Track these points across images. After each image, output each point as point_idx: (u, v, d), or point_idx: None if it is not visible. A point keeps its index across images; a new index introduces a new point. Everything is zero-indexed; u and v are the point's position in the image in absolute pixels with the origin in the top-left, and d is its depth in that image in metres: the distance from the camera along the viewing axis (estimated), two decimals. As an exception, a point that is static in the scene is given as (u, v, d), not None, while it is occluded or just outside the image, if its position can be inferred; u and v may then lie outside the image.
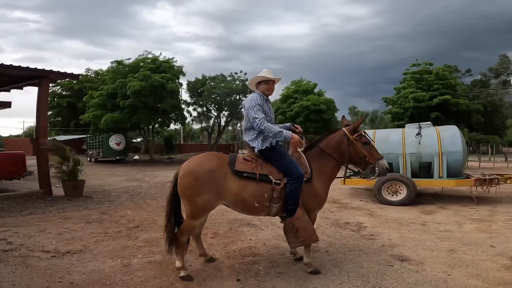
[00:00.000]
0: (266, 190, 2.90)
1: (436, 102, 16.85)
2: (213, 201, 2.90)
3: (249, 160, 3.00)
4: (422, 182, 6.82)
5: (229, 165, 2.93)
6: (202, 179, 2.83)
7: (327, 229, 4.84)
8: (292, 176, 2.90)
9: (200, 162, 2.95)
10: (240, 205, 2.99)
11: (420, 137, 6.82)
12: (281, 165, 2.97)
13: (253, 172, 2.91)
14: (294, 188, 2.89)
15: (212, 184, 2.84)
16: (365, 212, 6.10)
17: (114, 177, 12.55)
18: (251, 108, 3.03)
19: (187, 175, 2.88)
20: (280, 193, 2.91)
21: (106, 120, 17.37)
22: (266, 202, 2.91)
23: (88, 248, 3.83)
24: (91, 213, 5.85)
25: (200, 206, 2.87)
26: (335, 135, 3.23)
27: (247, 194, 2.89)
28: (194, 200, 2.86)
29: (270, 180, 2.93)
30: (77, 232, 4.54)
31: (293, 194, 2.90)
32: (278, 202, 2.94)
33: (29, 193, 7.30)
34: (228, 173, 2.90)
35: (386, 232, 4.71)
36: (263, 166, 2.98)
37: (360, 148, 3.11)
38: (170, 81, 17.33)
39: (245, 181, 2.89)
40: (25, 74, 7.31)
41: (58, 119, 26.64)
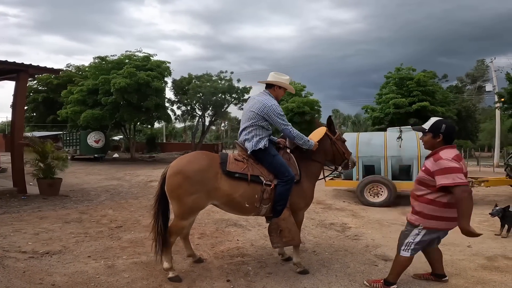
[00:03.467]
0: (256, 191, 2.91)
1: (415, 108, 17.47)
2: (203, 201, 2.86)
3: (240, 160, 2.98)
4: (402, 184, 7.03)
5: (220, 165, 2.90)
6: (191, 178, 2.78)
7: (313, 229, 4.90)
8: (283, 178, 2.93)
9: (190, 161, 2.90)
10: (230, 206, 2.97)
11: (400, 140, 7.02)
12: (273, 166, 2.98)
13: (244, 173, 2.90)
14: (285, 190, 2.92)
15: (202, 184, 2.80)
16: (348, 213, 6.23)
17: (92, 176, 12.15)
18: (278, 116, 3.04)
19: (176, 174, 2.82)
20: (270, 194, 2.92)
21: (85, 117, 16.77)
22: (257, 202, 2.92)
23: (68, 249, 3.67)
24: (69, 213, 5.62)
25: (189, 206, 2.82)
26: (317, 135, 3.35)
27: (238, 195, 2.87)
28: (183, 200, 2.80)
29: (261, 181, 2.93)
30: (55, 232, 4.35)
31: (283, 195, 2.93)
32: (268, 203, 2.96)
33: (2, 191, 6.92)
34: (219, 173, 2.87)
35: (370, 232, 4.82)
36: (254, 166, 2.98)
37: (340, 146, 3.34)
38: (155, 79, 16.96)
39: (236, 181, 2.88)
40: (2, 68, 6.94)
41: (34, 114, 25.46)
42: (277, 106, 3.06)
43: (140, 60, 17.74)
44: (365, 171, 7.28)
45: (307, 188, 3.13)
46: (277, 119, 3.02)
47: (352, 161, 3.41)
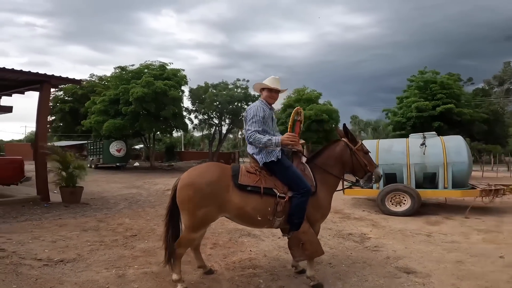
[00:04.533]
0: (269, 204, 2.82)
1: (439, 111, 16.74)
2: (214, 214, 2.81)
3: (252, 173, 2.90)
4: (427, 192, 6.69)
5: (232, 178, 2.84)
6: (202, 191, 2.74)
7: (330, 240, 4.70)
8: (299, 190, 2.82)
9: (201, 173, 2.87)
10: (242, 218, 2.90)
11: (424, 147, 6.71)
12: (287, 178, 2.88)
13: (257, 186, 2.82)
14: (301, 202, 2.82)
15: (213, 197, 2.75)
16: (368, 222, 5.95)
17: (113, 184, 12.43)
18: (248, 120, 2.97)
19: (187, 187, 2.79)
20: (284, 206, 2.82)
21: (107, 127, 17.33)
22: (270, 215, 2.83)
23: (82, 257, 3.70)
24: (87, 221, 5.72)
25: (199, 218, 2.77)
26: (336, 145, 3.20)
27: (250, 208, 2.80)
28: (194, 212, 2.76)
29: (274, 193, 2.84)
30: (72, 240, 4.42)
31: (300, 208, 2.82)
32: (282, 216, 2.86)
33: (26, 199, 7.19)
34: (231, 186, 2.81)
35: (391, 243, 4.57)
36: (267, 178, 2.89)
37: (362, 157, 3.12)
38: (172, 88, 17.33)
39: (248, 194, 2.80)
40: (26, 78, 7.27)
41: (61, 124, 26.66)
42: (251, 109, 2.98)
43: (157, 69, 18.17)
44: (386, 179, 6.98)
45: (323, 199, 3.01)
46: (246, 123, 2.98)
47: (377, 175, 3.17)
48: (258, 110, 2.94)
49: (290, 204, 2.83)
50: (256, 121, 2.90)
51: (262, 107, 2.98)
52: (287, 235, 2.92)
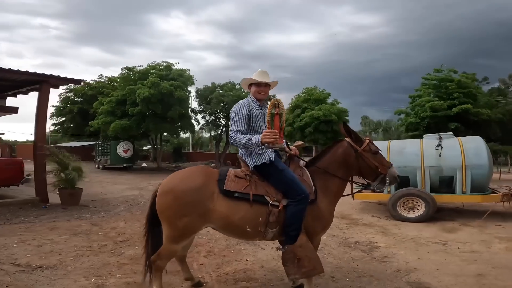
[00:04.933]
0: (261, 213, 2.48)
1: (456, 111, 16.01)
2: (197, 224, 2.51)
3: (241, 177, 2.57)
4: (443, 197, 6.22)
5: (218, 183, 2.52)
6: (183, 199, 2.44)
7: (334, 249, 4.32)
8: (295, 197, 2.46)
9: (183, 178, 2.57)
10: (229, 230, 2.59)
11: (440, 148, 6.23)
12: (281, 184, 2.53)
13: (245, 192, 2.49)
14: (298, 211, 2.46)
15: (196, 205, 2.45)
16: (377, 229, 5.52)
17: (117, 185, 12.31)
18: (231, 119, 2.68)
19: (166, 194, 2.50)
20: (278, 216, 2.47)
21: (114, 127, 17.32)
22: (261, 226, 2.49)
23: (64, 264, 3.50)
24: (81, 224, 5.51)
25: (180, 229, 2.48)
26: (338, 147, 2.78)
27: (238, 218, 2.47)
28: (174, 222, 2.47)
29: (266, 201, 2.50)
30: (58, 244, 4.22)
31: (296, 218, 2.46)
32: (276, 227, 2.51)
33: (25, 201, 7.08)
34: (215, 192, 2.48)
35: (402, 253, 4.17)
36: (259, 184, 2.55)
37: (371, 159, 2.69)
38: (178, 88, 17.19)
39: (235, 202, 2.48)
40: (26, 78, 7.18)
41: (71, 125, 27.00)
42: (234, 107, 2.69)
43: (163, 70, 18.07)
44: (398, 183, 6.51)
45: (324, 208, 2.62)
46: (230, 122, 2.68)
47: (393, 176, 2.70)
48: (242, 108, 2.64)
49: (285, 214, 2.48)
50: (237, 120, 2.60)
51: (248, 105, 2.67)
52: (281, 248, 2.56)
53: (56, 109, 26.22)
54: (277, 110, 2.51)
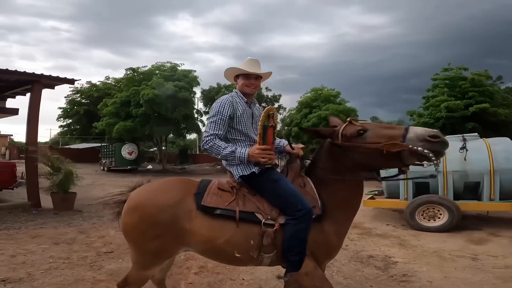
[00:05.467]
0: (251, 235, 1.95)
1: (472, 111, 15.16)
2: (170, 248, 2.04)
3: (226, 190, 2.07)
4: (469, 205, 5.59)
5: (195, 197, 2.03)
6: (151, 218, 1.97)
7: (345, 265, 3.77)
8: (294, 213, 1.91)
9: (154, 192, 2.08)
10: (213, 255, 2.09)
11: (465, 151, 5.59)
12: (277, 196, 1.99)
13: (229, 209, 1.98)
14: (298, 230, 1.91)
15: (168, 226, 1.97)
16: (394, 241, 4.92)
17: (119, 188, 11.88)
18: (209, 118, 2.15)
19: (131, 212, 2.02)
20: (275, 238, 1.94)
21: (118, 129, 17.12)
22: (253, 251, 1.95)
23: (32, 277, 3.16)
24: (68, 231, 5.14)
25: (149, 254, 2.03)
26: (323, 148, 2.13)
27: (222, 241, 1.96)
28: (141, 246, 2.02)
29: (257, 220, 1.97)
30: (34, 255, 3.87)
31: (297, 239, 1.92)
32: (272, 251, 1.97)
33: (16, 205, 6.79)
34: (193, 210, 1.99)
35: (425, 270, 3.62)
36: (248, 199, 2.03)
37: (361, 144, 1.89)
38: (183, 89, 16.84)
39: (218, 221, 1.98)
40: (17, 78, 6.91)
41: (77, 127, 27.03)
42: (215, 104, 2.16)
43: (168, 70, 17.77)
44: (416, 189, 5.89)
45: (331, 229, 2.00)
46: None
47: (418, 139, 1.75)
48: (224, 106, 2.09)
49: (283, 235, 1.94)
50: (216, 121, 2.07)
51: (231, 102, 2.12)
52: (283, 277, 1.99)
53: (63, 111, 26.29)
54: (271, 123, 2.02)
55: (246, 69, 2.18)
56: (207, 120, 2.17)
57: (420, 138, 1.75)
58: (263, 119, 1.97)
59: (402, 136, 1.78)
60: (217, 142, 2.03)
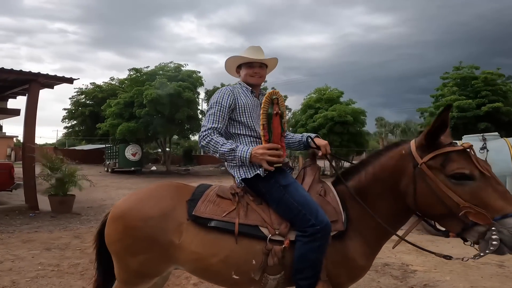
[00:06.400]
0: (254, 253, 1.61)
1: (485, 110, 14.70)
2: (156, 265, 1.71)
3: (225, 198, 1.74)
4: None
5: (188, 206, 1.71)
6: (137, 230, 1.67)
7: (359, 276, 3.41)
8: (306, 229, 1.56)
9: (141, 200, 1.77)
10: (205, 276, 1.75)
11: (486, 152, 5.24)
12: (285, 206, 1.64)
13: (227, 221, 1.65)
14: (310, 250, 1.55)
15: (154, 239, 1.66)
16: (410, 247, 4.44)
17: (122, 190, 11.81)
18: (207, 110, 1.87)
19: (116, 222, 1.72)
20: (282, 257, 1.58)
21: (121, 130, 16.98)
22: (255, 272, 1.60)
23: (16, 286, 2.98)
24: (62, 236, 4.91)
25: (133, 271, 1.72)
26: (391, 156, 1.65)
27: (217, 260, 1.63)
28: (125, 261, 1.72)
29: (262, 235, 1.62)
30: (23, 261, 3.65)
31: (309, 260, 1.55)
32: (279, 272, 1.61)
33: (13, 208, 6.61)
34: (184, 221, 1.68)
35: (448, 279, 3.30)
36: (251, 209, 1.70)
37: (442, 186, 1.43)
38: (187, 89, 16.64)
39: (212, 235, 1.65)
40: (15, 78, 6.75)
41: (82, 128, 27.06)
42: (214, 95, 1.86)
43: (172, 71, 17.61)
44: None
45: (356, 249, 1.63)
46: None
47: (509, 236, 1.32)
48: (223, 96, 1.80)
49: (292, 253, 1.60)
50: (214, 113, 1.77)
51: (231, 92, 1.83)
52: None
53: (67, 112, 26.33)
54: (276, 109, 1.66)
55: (249, 56, 1.90)
56: (206, 114, 1.88)
57: (508, 230, 1.31)
58: (265, 105, 1.64)
59: (501, 216, 1.33)
60: (214, 137, 1.72)
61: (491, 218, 1.34)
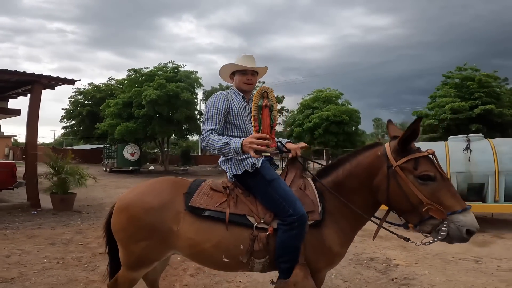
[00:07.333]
0: (242, 239, 1.86)
1: (478, 112, 14.99)
2: (157, 251, 1.97)
3: (218, 191, 2.00)
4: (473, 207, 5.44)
5: (185, 198, 1.97)
6: (139, 220, 1.93)
7: (344, 268, 3.68)
8: (285, 218, 1.81)
9: (143, 193, 2.03)
10: (200, 259, 2.01)
11: (469, 152, 5.50)
12: (269, 199, 1.89)
13: (219, 210, 1.90)
14: (289, 237, 1.80)
15: (154, 228, 1.91)
16: (395, 243, 4.82)
17: (120, 189, 11.96)
18: (204, 115, 2.10)
19: (120, 212, 2.00)
20: (267, 243, 1.84)
21: (120, 130, 17.14)
22: (243, 256, 1.85)
23: (24, 277, 3.14)
24: (65, 232, 5.11)
25: (137, 256, 1.97)
26: (369, 155, 1.89)
27: (210, 245, 1.88)
28: (129, 247, 1.98)
29: (249, 223, 1.87)
30: (29, 255, 3.84)
31: (288, 246, 1.81)
32: (264, 256, 1.86)
33: (15, 205, 6.78)
34: (181, 211, 1.93)
35: (426, 273, 3.55)
36: (240, 200, 1.95)
37: (411, 186, 1.69)
38: (185, 90, 16.84)
39: (206, 223, 1.90)
40: (18, 79, 6.93)
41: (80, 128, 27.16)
42: (209, 100, 2.11)
43: (170, 71, 17.78)
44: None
45: (332, 236, 1.86)
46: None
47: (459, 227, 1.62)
48: (218, 100, 2.03)
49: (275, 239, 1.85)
50: (211, 117, 2.00)
51: (226, 96, 2.06)
52: (273, 283, 1.91)
53: (66, 112, 26.44)
54: (265, 102, 1.83)
55: (242, 65, 2.12)
56: (203, 118, 2.11)
57: (462, 224, 1.62)
58: (256, 99, 1.82)
59: (453, 212, 1.63)
60: (212, 136, 1.93)
61: (444, 213, 1.63)
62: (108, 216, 2.14)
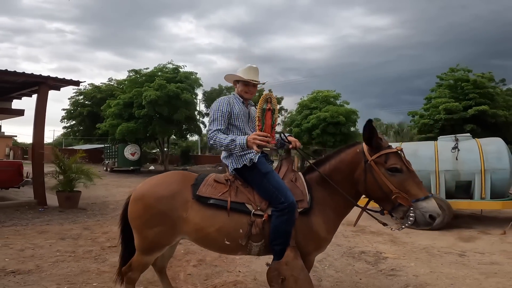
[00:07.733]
0: (241, 224, 2.16)
1: (472, 113, 15.29)
2: (167, 236, 2.25)
3: (220, 182, 2.30)
4: (460, 204, 5.77)
5: (192, 188, 2.27)
6: (152, 208, 2.21)
7: (337, 260, 3.94)
8: (278, 205, 2.11)
9: (155, 184, 2.33)
10: (205, 243, 2.31)
11: (457, 151, 5.77)
12: (264, 189, 2.20)
13: (222, 199, 2.19)
14: (281, 222, 2.10)
15: (166, 215, 2.20)
16: (386, 238, 5.09)
17: (122, 188, 12.21)
18: (210, 117, 2.39)
19: (136, 201, 2.29)
20: (262, 228, 2.14)
21: (121, 130, 17.34)
22: (242, 239, 2.16)
23: (40, 269, 3.35)
24: (73, 228, 5.33)
25: (150, 240, 2.25)
26: (350, 152, 2.24)
27: (213, 229, 2.18)
28: (144, 232, 2.25)
29: (247, 210, 2.18)
30: (42, 249, 4.06)
31: (280, 230, 2.11)
32: (260, 240, 2.17)
33: (22, 203, 7.00)
34: (189, 200, 2.22)
35: (412, 265, 3.79)
36: (240, 191, 2.26)
37: (382, 177, 2.03)
38: (185, 91, 17.08)
39: (211, 211, 2.20)
40: (24, 80, 7.14)
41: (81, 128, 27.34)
42: (214, 104, 2.41)
43: (170, 72, 18.02)
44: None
45: (319, 223, 2.16)
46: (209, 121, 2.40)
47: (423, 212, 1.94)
48: (222, 104, 2.35)
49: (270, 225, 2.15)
50: (217, 118, 2.31)
51: (228, 101, 2.37)
52: (269, 265, 2.20)
53: (66, 113, 26.61)
54: (269, 106, 2.19)
55: (246, 77, 2.41)
56: (209, 120, 2.41)
57: (425, 210, 1.94)
58: (261, 103, 2.16)
59: (418, 198, 1.96)
60: (219, 135, 2.24)
61: (409, 201, 1.96)
62: (124, 206, 2.41)
